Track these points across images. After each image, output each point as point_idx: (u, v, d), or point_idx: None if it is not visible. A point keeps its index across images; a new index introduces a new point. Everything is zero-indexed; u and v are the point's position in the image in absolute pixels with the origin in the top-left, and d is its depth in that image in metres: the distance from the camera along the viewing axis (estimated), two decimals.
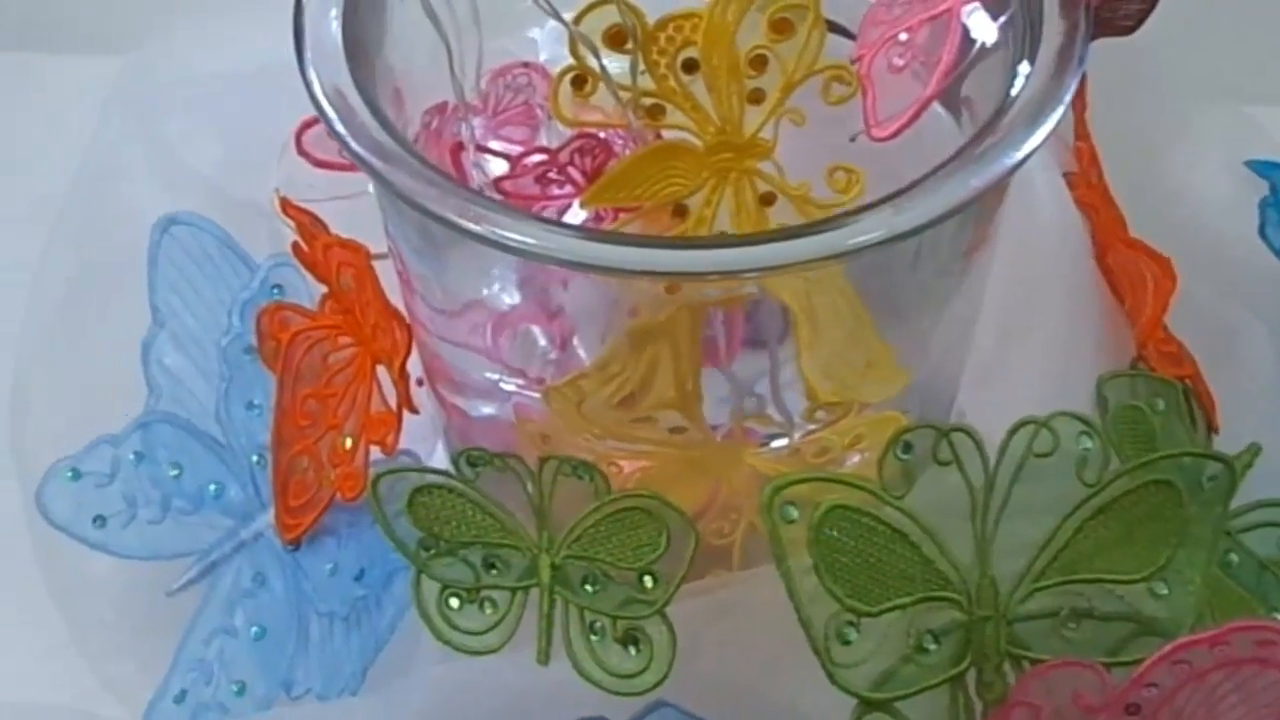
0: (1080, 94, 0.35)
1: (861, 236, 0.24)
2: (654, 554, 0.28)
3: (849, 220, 0.24)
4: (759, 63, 0.32)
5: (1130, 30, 0.41)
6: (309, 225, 0.33)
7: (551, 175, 0.33)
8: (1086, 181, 0.36)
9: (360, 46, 0.28)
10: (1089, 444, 0.30)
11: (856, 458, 0.31)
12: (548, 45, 0.35)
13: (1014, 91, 0.25)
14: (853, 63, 0.27)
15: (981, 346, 0.33)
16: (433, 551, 0.30)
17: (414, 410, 0.33)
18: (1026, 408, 0.36)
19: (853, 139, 0.28)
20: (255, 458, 0.38)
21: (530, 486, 0.29)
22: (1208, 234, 0.41)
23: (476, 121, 0.36)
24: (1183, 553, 0.31)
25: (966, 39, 0.26)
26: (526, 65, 0.35)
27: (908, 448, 0.29)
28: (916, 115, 0.26)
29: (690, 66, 0.32)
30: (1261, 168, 0.42)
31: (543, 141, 0.38)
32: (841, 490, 0.29)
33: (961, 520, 0.30)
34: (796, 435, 0.30)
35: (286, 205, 0.33)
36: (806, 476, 0.28)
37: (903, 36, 0.26)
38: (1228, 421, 0.37)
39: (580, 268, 0.25)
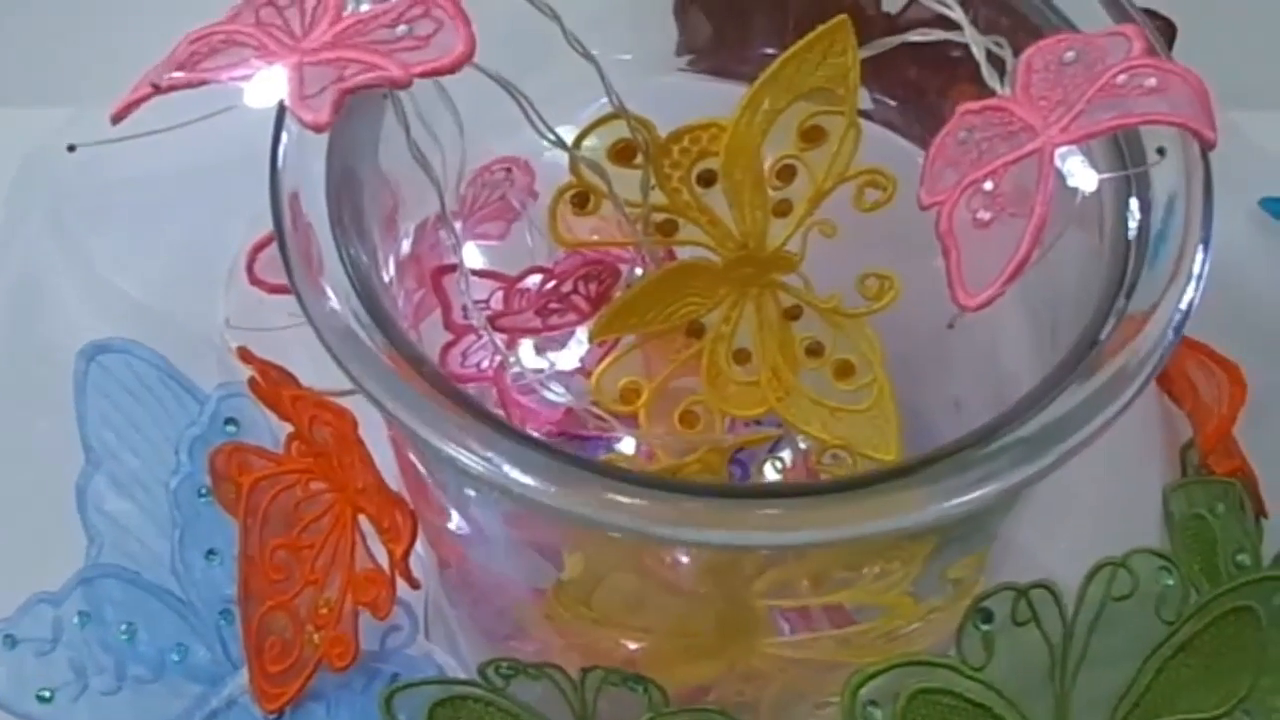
0: None
1: (964, 497, 0.21)
2: None
3: (942, 474, 0.21)
4: (786, 173, 0.28)
5: None
6: (274, 378, 0.29)
7: (553, 305, 0.29)
8: None
9: (352, 190, 0.24)
10: (1169, 580, 0.28)
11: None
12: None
13: (1130, 234, 0.22)
14: (923, 209, 0.24)
15: None
16: None
17: (415, 586, 0.29)
18: (1090, 525, 0.34)
19: (950, 325, 0.24)
20: (220, 613, 0.34)
21: (572, 697, 0.25)
22: (1224, 284, 0.39)
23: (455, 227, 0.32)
24: (1265, 679, 0.29)
25: (1062, 186, 0.23)
26: (509, 170, 0.31)
27: (988, 616, 0.26)
28: (1011, 280, 0.22)
29: (707, 178, 0.28)
30: (1277, 208, 0.40)
31: (525, 236, 0.34)
32: (921, 671, 0.26)
33: (1042, 678, 0.28)
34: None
35: (246, 356, 0.28)
36: (885, 666, 0.25)
37: (988, 185, 0.23)
38: (1272, 491, 0.35)
39: (630, 533, 0.21)
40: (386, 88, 0.20)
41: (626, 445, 0.34)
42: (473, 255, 0.34)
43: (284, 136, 0.23)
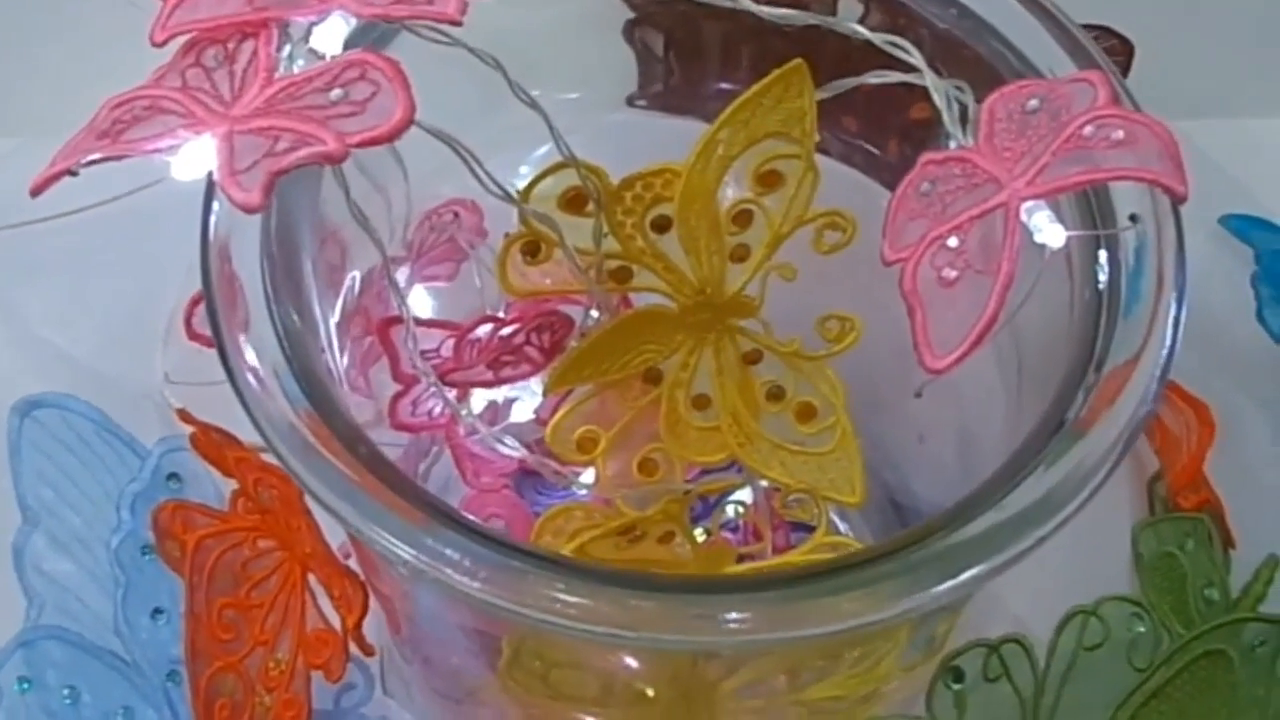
0: None
1: (943, 585, 0.20)
2: None
3: (918, 562, 0.20)
4: (743, 218, 0.27)
5: None
6: (217, 440, 0.28)
7: (505, 357, 0.28)
8: None
9: (288, 253, 0.23)
10: (1140, 627, 0.28)
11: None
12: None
13: (1100, 287, 0.22)
14: (886, 264, 0.23)
15: None
16: None
17: (369, 654, 0.28)
18: (1058, 562, 0.34)
19: (918, 394, 0.24)
20: (167, 674, 0.32)
21: None
22: (1189, 304, 0.38)
23: (401, 272, 0.31)
24: None
25: (1029, 242, 0.22)
26: (456, 213, 0.30)
27: (959, 675, 0.26)
28: (979, 341, 0.22)
29: (661, 224, 0.27)
30: (1239, 226, 0.39)
31: (473, 276, 0.33)
32: None
33: None
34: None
35: (186, 418, 0.27)
36: None
37: (952, 242, 0.22)
38: (1235, 518, 0.35)
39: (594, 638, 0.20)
40: (321, 164, 0.19)
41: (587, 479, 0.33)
42: (421, 297, 0.33)
43: (215, 205, 0.22)
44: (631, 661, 0.26)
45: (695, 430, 0.30)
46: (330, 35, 0.22)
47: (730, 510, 0.34)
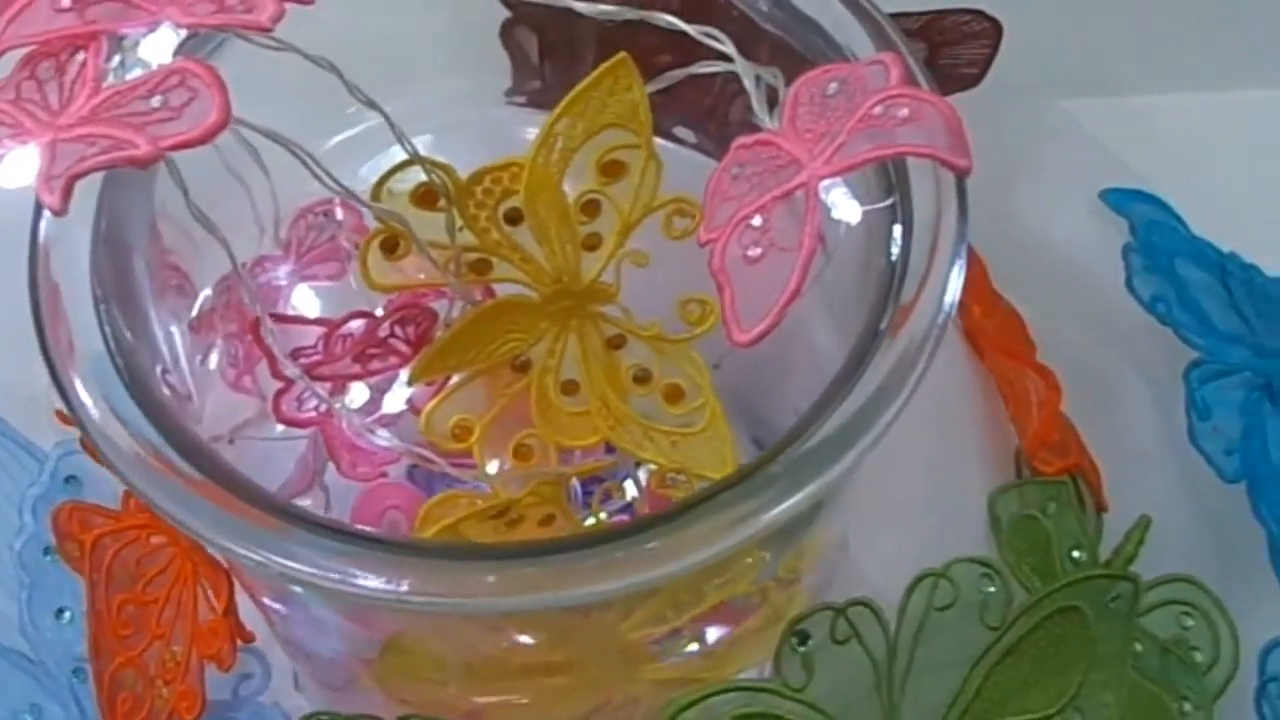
0: None
1: (782, 505, 0.21)
2: None
3: (757, 487, 0.21)
4: (591, 207, 0.28)
5: (977, 80, 0.38)
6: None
7: (371, 350, 0.29)
8: None
9: (119, 261, 0.24)
10: (991, 587, 0.29)
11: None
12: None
13: (893, 258, 0.23)
14: (701, 245, 0.24)
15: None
16: None
17: (246, 640, 0.29)
18: (915, 530, 0.35)
19: (716, 365, 0.24)
20: (73, 671, 0.33)
21: None
22: (1067, 277, 0.39)
23: (283, 270, 0.32)
24: (1094, 675, 0.30)
25: (828, 219, 0.23)
26: (328, 212, 0.31)
27: (804, 638, 0.27)
28: (781, 314, 0.23)
29: (513, 217, 0.28)
30: (1117, 199, 0.40)
31: (350, 278, 0.34)
32: (741, 697, 0.26)
33: (868, 693, 0.28)
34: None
35: (64, 418, 0.28)
36: (698, 695, 0.26)
37: (756, 221, 0.23)
38: (1111, 482, 0.36)
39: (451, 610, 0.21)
40: (127, 166, 0.20)
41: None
42: (306, 297, 0.34)
43: (45, 213, 0.23)
44: (523, 639, 0.27)
45: (567, 415, 0.31)
46: (162, 45, 0.23)
47: (628, 489, 0.35)
